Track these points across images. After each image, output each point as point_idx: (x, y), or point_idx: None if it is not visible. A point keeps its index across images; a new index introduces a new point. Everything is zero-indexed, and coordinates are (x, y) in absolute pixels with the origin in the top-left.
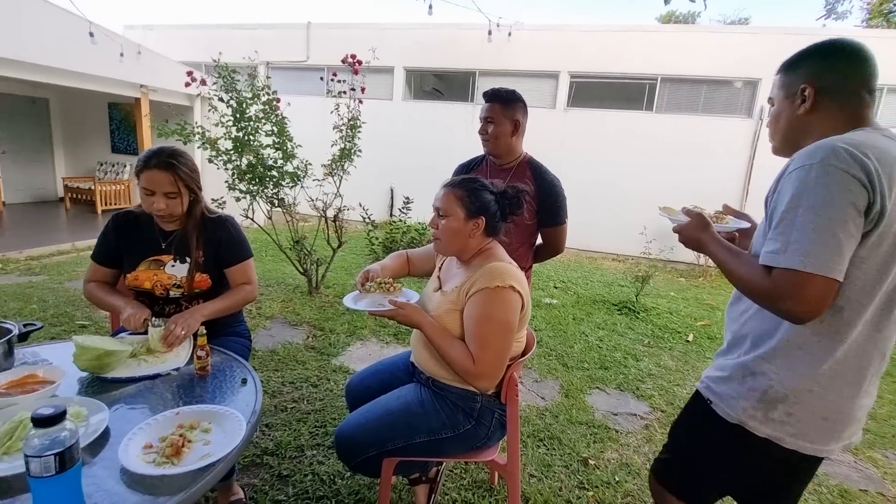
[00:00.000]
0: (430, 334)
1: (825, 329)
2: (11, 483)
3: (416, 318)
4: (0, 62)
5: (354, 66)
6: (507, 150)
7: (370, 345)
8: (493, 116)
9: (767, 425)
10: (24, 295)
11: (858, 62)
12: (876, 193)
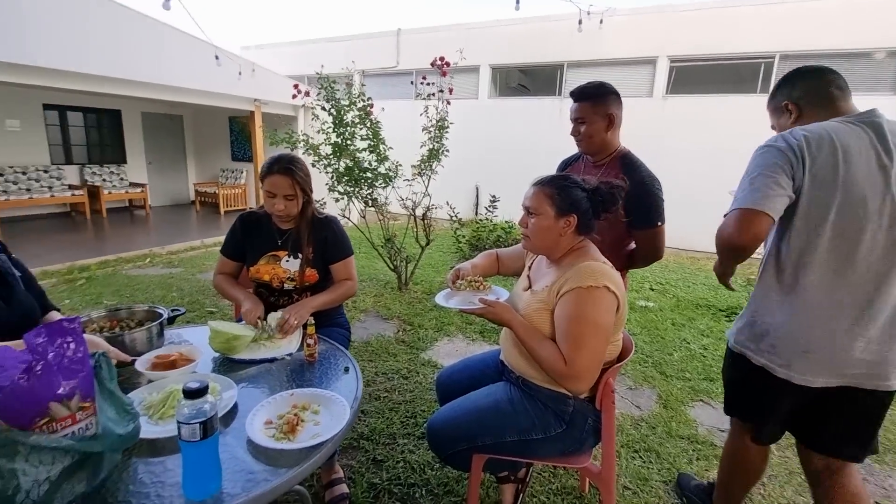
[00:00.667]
0: (519, 333)
1: (783, 284)
2: (165, 444)
3: (505, 316)
4: (149, 86)
5: (443, 69)
6: (603, 147)
7: (457, 341)
8: (584, 116)
9: (760, 355)
10: (166, 284)
11: (816, 76)
12: (799, 163)
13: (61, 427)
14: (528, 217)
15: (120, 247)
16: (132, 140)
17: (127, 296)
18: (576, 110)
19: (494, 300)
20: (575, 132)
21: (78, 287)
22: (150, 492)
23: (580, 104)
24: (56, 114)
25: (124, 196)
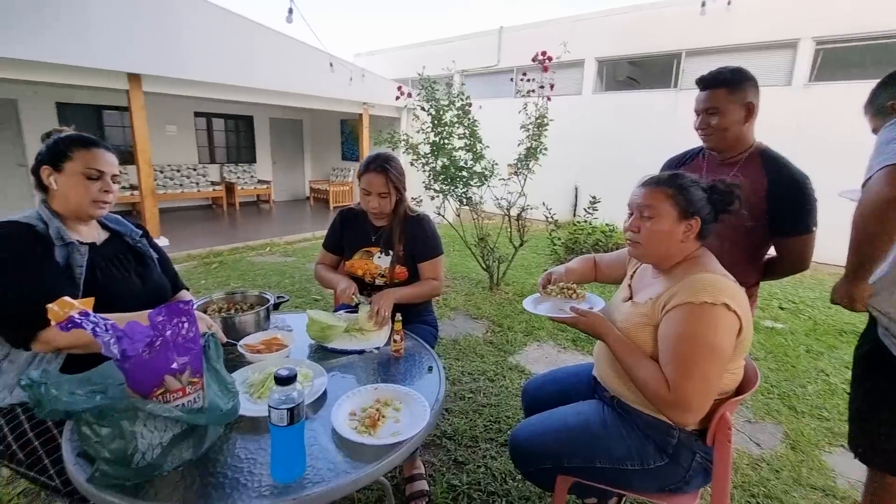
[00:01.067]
0: (615, 349)
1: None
2: (262, 423)
3: (599, 328)
4: (276, 94)
5: (544, 64)
6: (737, 142)
7: (547, 347)
8: (718, 105)
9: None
10: (281, 271)
11: None
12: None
13: (173, 398)
14: (641, 220)
15: (247, 236)
16: (261, 142)
17: (249, 280)
18: (706, 99)
19: (587, 309)
20: (703, 125)
21: (212, 270)
22: (244, 467)
23: (712, 92)
24: (204, 120)
25: (253, 192)
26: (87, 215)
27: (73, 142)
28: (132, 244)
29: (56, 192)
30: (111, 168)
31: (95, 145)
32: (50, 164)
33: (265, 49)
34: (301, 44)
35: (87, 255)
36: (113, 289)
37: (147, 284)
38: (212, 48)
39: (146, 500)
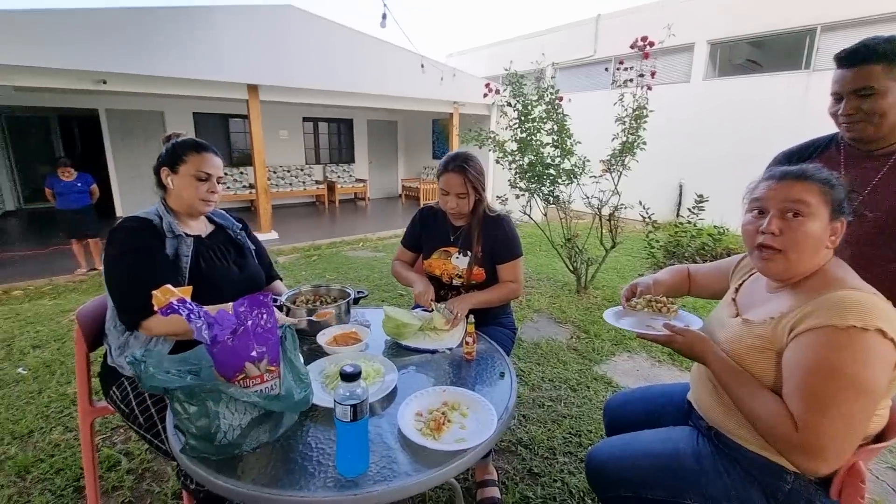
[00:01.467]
0: (721, 375)
1: None
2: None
3: (700, 348)
4: (373, 97)
5: (644, 50)
6: (892, 130)
7: (638, 359)
8: (874, 84)
9: None
10: (371, 266)
11: None
12: None
13: (252, 384)
14: (785, 220)
15: (343, 231)
16: (359, 143)
17: (342, 273)
18: (855, 78)
19: (684, 327)
20: (850, 109)
21: (311, 262)
22: (314, 455)
23: (863, 69)
24: (311, 124)
25: (351, 190)
26: (196, 212)
27: (188, 147)
28: (233, 237)
29: (172, 190)
30: (217, 171)
31: (206, 150)
32: (168, 167)
33: (364, 55)
34: (396, 47)
35: (192, 247)
36: (213, 276)
37: (243, 273)
38: (318, 58)
39: (226, 475)
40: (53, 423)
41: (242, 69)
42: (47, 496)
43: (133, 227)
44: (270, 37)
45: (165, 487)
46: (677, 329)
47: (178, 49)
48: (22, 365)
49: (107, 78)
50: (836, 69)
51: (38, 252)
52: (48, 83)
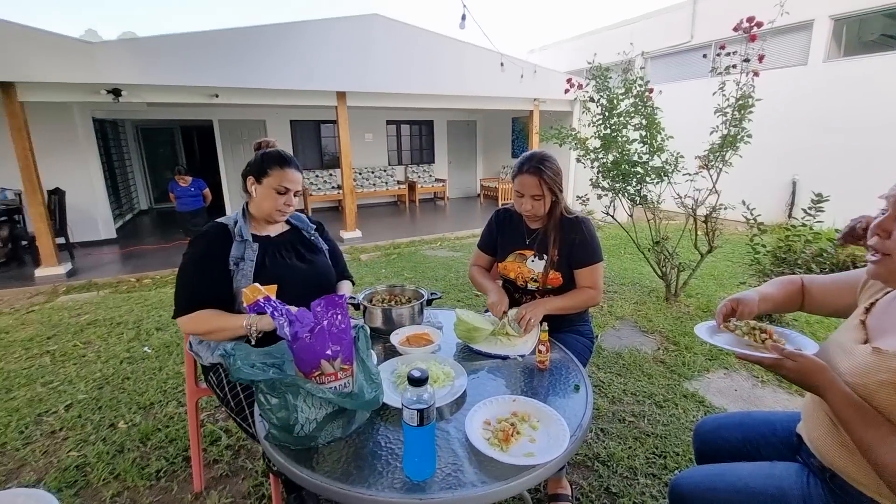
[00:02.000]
0: (841, 411)
1: None
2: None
3: (815, 378)
4: (453, 98)
5: (751, 33)
6: None
7: (738, 378)
8: None
9: None
10: (447, 265)
11: None
12: None
13: (327, 381)
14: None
15: (423, 230)
16: (439, 144)
17: (419, 272)
18: None
19: (795, 351)
20: None
21: (391, 260)
22: (384, 453)
23: None
24: (394, 127)
25: (431, 189)
26: (272, 220)
27: (273, 161)
28: (307, 237)
29: (255, 198)
30: (295, 186)
31: (288, 165)
32: (254, 176)
33: (444, 56)
34: (475, 47)
35: (257, 251)
36: (278, 273)
37: (310, 269)
38: (400, 62)
39: (302, 465)
40: (170, 397)
41: (332, 77)
42: (162, 462)
43: (208, 236)
44: (357, 45)
45: (257, 465)
46: (788, 352)
47: (278, 62)
48: (147, 344)
49: (219, 92)
50: None
51: (163, 246)
52: (172, 98)
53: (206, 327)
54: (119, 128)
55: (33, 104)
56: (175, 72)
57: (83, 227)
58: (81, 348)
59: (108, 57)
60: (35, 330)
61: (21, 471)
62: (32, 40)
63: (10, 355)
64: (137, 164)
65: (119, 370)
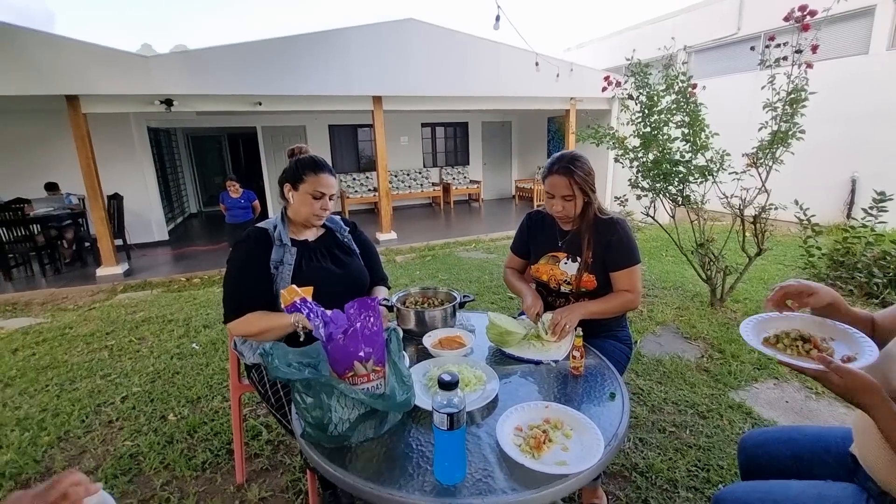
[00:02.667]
0: (892, 435)
1: None
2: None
3: (865, 396)
4: (488, 99)
5: (803, 22)
6: None
7: (789, 388)
8: None
9: None
10: (482, 267)
11: None
12: None
13: (359, 382)
14: None
15: (457, 232)
16: (474, 145)
17: (453, 273)
18: None
19: (844, 365)
20: None
21: (425, 262)
22: (414, 455)
23: None
24: (429, 129)
25: (465, 191)
26: (309, 224)
27: (308, 167)
28: (340, 239)
29: (292, 204)
30: (330, 190)
31: (322, 170)
32: (290, 183)
33: (478, 58)
34: (509, 47)
35: (295, 255)
36: (313, 276)
37: (344, 272)
38: (435, 65)
39: (336, 463)
40: (215, 392)
41: (368, 82)
42: (207, 454)
43: (250, 241)
44: (393, 50)
45: (295, 461)
46: (835, 366)
47: (317, 69)
48: (196, 341)
49: (262, 100)
50: None
51: (211, 248)
52: (219, 107)
53: (255, 328)
54: (171, 136)
55: (95, 115)
56: (222, 81)
57: (139, 230)
58: (136, 344)
59: (161, 69)
60: (96, 326)
61: (82, 457)
62: (95, 56)
63: (73, 349)
64: (188, 169)
65: (169, 365)
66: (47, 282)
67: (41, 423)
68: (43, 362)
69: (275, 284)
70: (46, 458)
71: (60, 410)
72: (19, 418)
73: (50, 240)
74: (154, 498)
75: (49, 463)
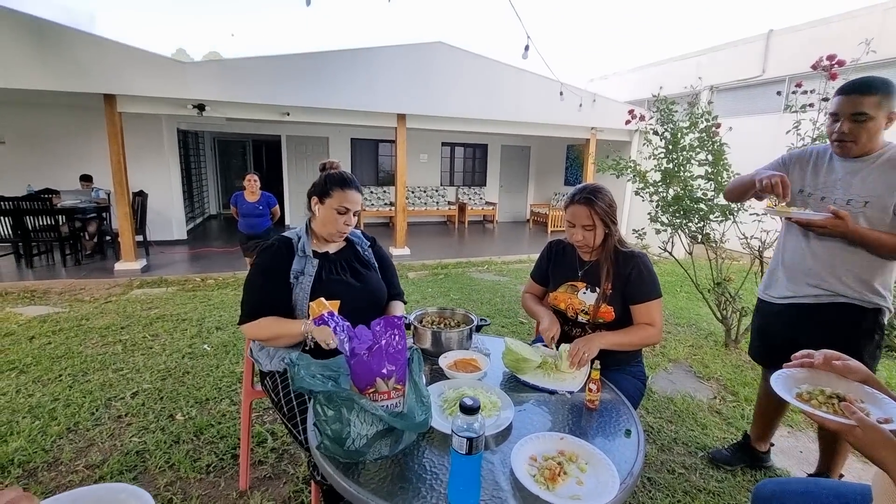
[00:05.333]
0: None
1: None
2: (447, 438)
3: (885, 452)
4: (509, 124)
5: (831, 71)
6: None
7: (804, 438)
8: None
9: None
10: (494, 289)
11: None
12: None
13: (380, 399)
14: None
15: (470, 252)
16: (492, 167)
17: (465, 294)
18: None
19: (868, 419)
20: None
21: (438, 280)
22: (427, 477)
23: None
24: (449, 149)
25: (480, 212)
26: (332, 239)
27: (336, 183)
28: (360, 253)
29: (318, 217)
30: (355, 206)
31: (349, 187)
32: (318, 196)
33: (503, 84)
34: (534, 75)
35: (316, 267)
36: (333, 288)
37: (363, 286)
38: (460, 88)
39: (351, 478)
40: (224, 395)
41: (394, 100)
42: (212, 457)
43: (274, 249)
44: (419, 70)
45: (298, 471)
46: (860, 418)
47: (345, 84)
48: (207, 342)
49: (289, 110)
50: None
51: (227, 250)
52: (248, 115)
53: (267, 333)
54: (199, 139)
55: (129, 115)
56: (253, 90)
57: (159, 227)
58: (149, 340)
59: (196, 75)
60: (111, 319)
61: (89, 450)
62: (133, 58)
63: (88, 341)
64: (211, 172)
65: (180, 364)
66: (67, 272)
67: (52, 413)
68: (58, 352)
69: (293, 294)
70: (55, 448)
71: (72, 401)
72: (31, 406)
73: (73, 231)
74: (158, 497)
75: (57, 453)
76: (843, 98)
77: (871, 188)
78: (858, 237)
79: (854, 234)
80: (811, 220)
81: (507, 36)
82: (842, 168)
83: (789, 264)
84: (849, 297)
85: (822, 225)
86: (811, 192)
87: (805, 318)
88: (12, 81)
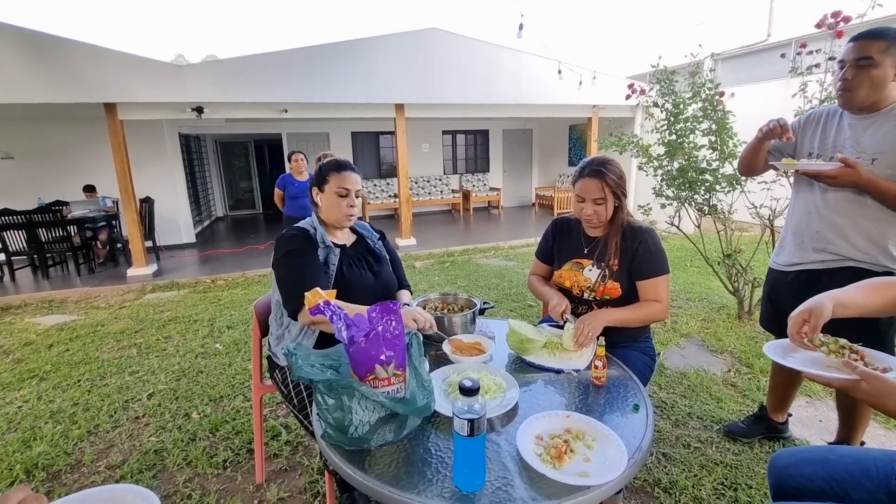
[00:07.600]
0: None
1: None
2: (452, 422)
3: (893, 401)
4: (509, 107)
5: (836, 29)
6: None
7: (823, 407)
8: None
9: None
10: (501, 274)
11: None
12: None
13: (380, 385)
14: None
15: (476, 239)
16: (494, 153)
17: (472, 280)
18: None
19: (869, 370)
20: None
21: (444, 268)
22: (433, 461)
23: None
24: (450, 137)
25: (485, 198)
26: (341, 225)
27: (331, 168)
28: (371, 246)
29: (322, 206)
30: (354, 186)
31: (345, 168)
32: (317, 186)
33: (500, 66)
34: (532, 55)
35: (339, 256)
36: (352, 282)
37: (378, 279)
38: (457, 74)
39: (355, 465)
40: (237, 391)
41: (391, 90)
42: (228, 453)
43: (292, 235)
44: (416, 58)
45: (313, 462)
46: (862, 371)
47: (341, 77)
48: (219, 341)
49: (288, 107)
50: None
51: (236, 250)
52: (247, 114)
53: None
54: (201, 142)
55: (131, 123)
56: (250, 89)
57: (167, 232)
58: (163, 342)
59: (193, 78)
60: (126, 324)
61: (109, 451)
62: (132, 65)
63: (104, 346)
64: (215, 174)
65: (194, 364)
66: (82, 281)
67: (73, 417)
68: (76, 358)
69: (329, 281)
70: (77, 451)
71: (91, 405)
72: (52, 411)
73: (85, 240)
74: (177, 494)
75: (79, 456)
76: (850, 45)
77: (880, 143)
78: (873, 186)
79: (867, 182)
80: (821, 171)
81: (501, 16)
82: (850, 126)
83: (796, 229)
84: (859, 260)
85: (833, 175)
86: (820, 153)
87: (814, 285)
88: (17, 97)
